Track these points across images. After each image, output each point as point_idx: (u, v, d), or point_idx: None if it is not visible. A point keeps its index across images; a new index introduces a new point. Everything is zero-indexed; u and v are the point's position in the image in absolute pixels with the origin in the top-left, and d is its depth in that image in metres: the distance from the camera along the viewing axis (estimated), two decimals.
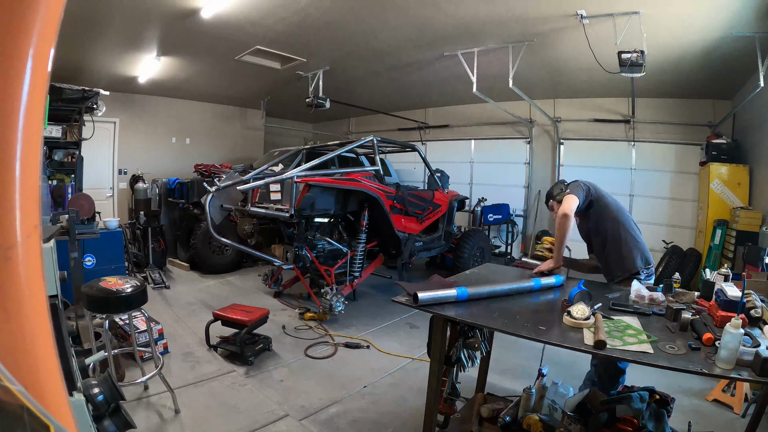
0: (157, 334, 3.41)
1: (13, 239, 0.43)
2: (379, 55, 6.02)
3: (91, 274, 4.06)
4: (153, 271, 5.69)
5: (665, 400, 2.00)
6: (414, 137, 9.32)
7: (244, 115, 9.93)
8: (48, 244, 1.01)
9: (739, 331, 1.32)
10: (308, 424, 2.60)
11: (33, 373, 0.45)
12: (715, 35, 4.34)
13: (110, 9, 4.47)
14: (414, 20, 4.75)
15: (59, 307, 1.03)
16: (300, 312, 4.55)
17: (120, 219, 5.25)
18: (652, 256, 2.52)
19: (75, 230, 2.99)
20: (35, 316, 0.46)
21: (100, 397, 1.12)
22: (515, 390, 2.79)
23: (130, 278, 2.58)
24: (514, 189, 8.07)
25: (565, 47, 5.14)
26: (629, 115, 6.72)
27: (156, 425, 2.49)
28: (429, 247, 5.67)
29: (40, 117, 0.46)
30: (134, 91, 7.73)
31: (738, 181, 5.39)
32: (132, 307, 2.50)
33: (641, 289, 2.05)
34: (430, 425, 2.02)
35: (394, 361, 3.55)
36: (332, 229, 5.35)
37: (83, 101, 5.68)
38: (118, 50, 5.83)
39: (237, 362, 3.36)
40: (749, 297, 1.72)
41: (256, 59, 6.23)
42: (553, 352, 2.02)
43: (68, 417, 0.49)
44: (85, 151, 6.25)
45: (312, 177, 4.22)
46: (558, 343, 1.55)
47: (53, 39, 0.46)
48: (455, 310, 1.88)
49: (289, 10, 4.58)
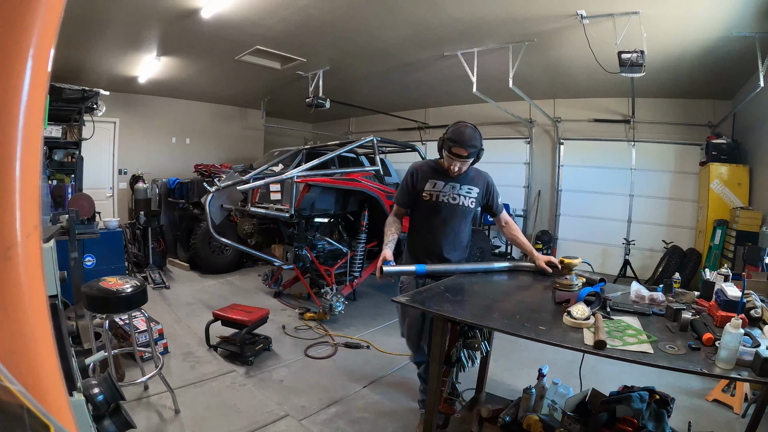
0: (157, 335, 3.41)
1: (13, 239, 0.43)
2: (379, 55, 6.02)
3: (91, 274, 4.06)
4: (153, 271, 5.69)
5: (665, 400, 2.00)
6: (414, 137, 9.31)
7: (244, 115, 9.93)
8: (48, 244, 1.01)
9: (739, 331, 1.32)
10: (308, 424, 2.60)
11: (33, 373, 0.45)
12: (715, 35, 4.34)
13: (110, 9, 4.47)
14: (414, 20, 4.75)
15: (59, 307, 1.03)
16: (300, 312, 4.55)
17: (120, 219, 5.24)
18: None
19: (75, 230, 2.99)
20: (35, 316, 0.46)
21: (100, 397, 1.12)
22: (515, 390, 2.79)
23: (130, 278, 2.58)
24: (514, 189, 8.07)
25: (565, 47, 5.14)
26: (629, 115, 6.72)
27: (156, 425, 2.50)
28: None
29: (40, 117, 0.46)
30: (134, 91, 7.73)
31: (738, 181, 5.39)
32: (132, 307, 2.49)
33: (641, 289, 2.05)
34: (430, 425, 2.02)
35: (394, 361, 3.56)
36: (332, 229, 5.35)
37: (83, 101, 5.67)
38: (118, 50, 5.83)
39: (237, 362, 3.36)
40: (749, 297, 1.72)
41: (256, 59, 6.23)
42: (554, 352, 2.01)
43: (68, 417, 0.49)
44: (85, 151, 6.24)
45: (312, 177, 4.22)
46: (558, 343, 1.55)
47: (53, 39, 0.46)
48: (456, 309, 1.88)
49: (289, 10, 4.58)
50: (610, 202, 7.07)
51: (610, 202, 7.07)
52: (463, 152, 2.22)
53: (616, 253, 6.95)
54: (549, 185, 7.75)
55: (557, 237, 7.64)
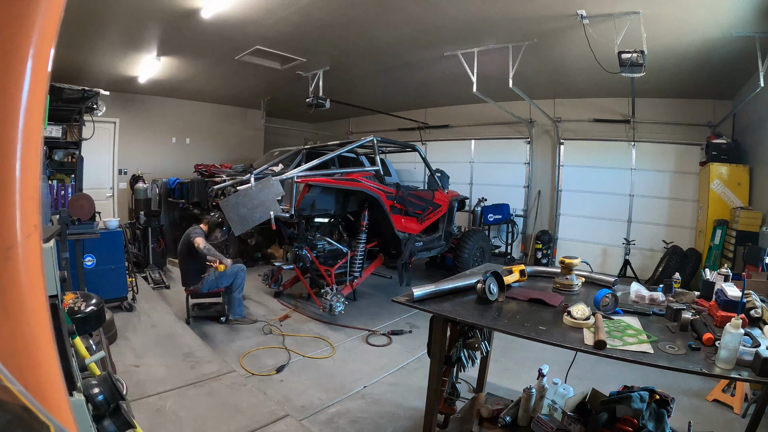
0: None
1: (13, 239, 0.43)
2: (379, 55, 6.02)
3: (91, 274, 4.07)
4: (153, 271, 5.69)
5: (665, 400, 2.00)
6: (414, 137, 9.31)
7: (244, 115, 9.93)
8: (48, 244, 1.01)
9: (739, 331, 1.32)
10: (308, 424, 2.60)
11: (33, 373, 0.45)
12: (715, 35, 4.34)
13: (110, 9, 4.46)
14: (414, 20, 4.75)
15: (59, 307, 1.03)
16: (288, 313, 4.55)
17: (120, 219, 5.24)
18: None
19: (66, 230, 2.98)
20: (35, 316, 0.46)
21: (100, 397, 1.12)
22: (515, 390, 2.79)
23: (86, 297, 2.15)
24: (514, 189, 8.07)
25: (565, 47, 5.14)
26: (629, 115, 6.72)
27: (156, 425, 2.49)
28: (429, 247, 5.67)
29: (40, 117, 0.46)
30: (134, 91, 7.73)
31: (738, 181, 5.39)
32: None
33: (641, 289, 2.05)
34: (430, 425, 2.02)
35: (394, 360, 3.56)
36: (332, 229, 5.35)
37: (83, 101, 5.66)
38: (118, 50, 5.83)
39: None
40: (749, 297, 1.72)
41: (256, 59, 6.23)
42: (554, 352, 2.01)
43: (68, 417, 0.49)
44: (85, 151, 6.24)
45: (312, 177, 4.21)
46: (558, 343, 1.55)
47: (53, 39, 0.46)
48: (456, 309, 1.88)
49: (289, 10, 4.58)
50: (610, 202, 7.08)
51: (610, 202, 7.08)
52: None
53: (616, 253, 6.95)
54: (549, 185, 7.75)
55: (557, 237, 7.64)
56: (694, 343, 1.49)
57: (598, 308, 1.80)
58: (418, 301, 1.95)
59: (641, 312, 1.85)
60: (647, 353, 1.44)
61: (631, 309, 1.87)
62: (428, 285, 2.04)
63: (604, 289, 1.90)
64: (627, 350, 1.46)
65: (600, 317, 1.66)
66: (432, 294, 2.00)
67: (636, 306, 1.93)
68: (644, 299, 1.99)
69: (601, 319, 1.65)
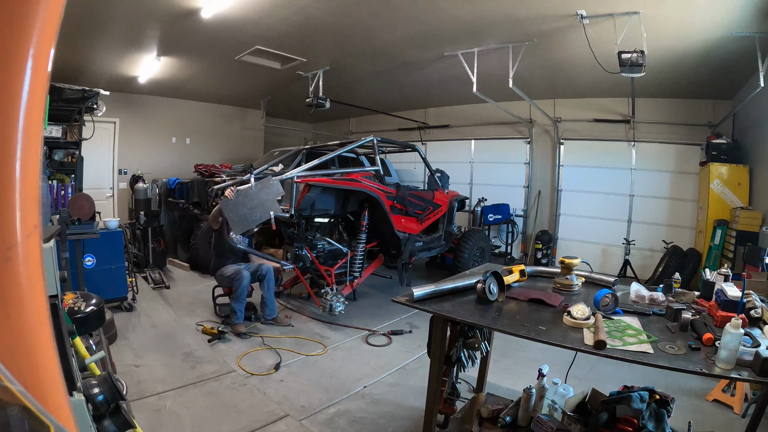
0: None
1: (13, 239, 0.43)
2: (379, 55, 6.02)
3: (91, 274, 4.07)
4: (153, 271, 5.69)
5: (665, 400, 2.00)
6: (414, 137, 9.32)
7: (244, 115, 9.93)
8: (48, 244, 1.01)
9: (739, 331, 1.32)
10: (308, 424, 2.60)
11: (33, 373, 0.45)
12: (715, 35, 4.34)
13: (110, 9, 4.47)
14: (414, 20, 4.75)
15: (59, 307, 1.03)
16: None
17: (120, 219, 5.24)
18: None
19: (66, 230, 2.98)
20: (35, 316, 0.46)
21: (100, 397, 1.12)
22: (515, 390, 2.79)
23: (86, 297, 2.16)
24: (514, 189, 8.07)
25: (565, 47, 5.14)
26: (629, 115, 6.73)
27: (156, 425, 2.49)
28: (429, 247, 5.67)
29: (40, 117, 0.46)
30: (134, 91, 7.73)
31: (738, 181, 5.39)
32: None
33: (641, 289, 2.05)
34: (430, 425, 2.02)
35: (394, 360, 3.56)
36: (332, 229, 5.35)
37: (83, 101, 5.67)
38: (118, 50, 5.83)
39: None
40: (749, 297, 1.72)
41: (256, 59, 6.23)
42: (554, 352, 2.01)
43: (68, 417, 0.49)
44: (85, 151, 6.25)
45: (312, 177, 4.21)
46: (558, 343, 1.55)
47: (53, 39, 0.46)
48: (456, 309, 1.88)
49: (289, 10, 4.58)
50: (610, 202, 7.08)
51: (610, 202, 7.08)
52: None
53: (616, 253, 6.95)
54: (549, 185, 7.76)
55: (557, 237, 7.64)
56: (694, 343, 1.49)
57: (598, 308, 1.80)
58: (418, 301, 1.95)
59: (641, 312, 1.85)
60: (647, 353, 1.44)
61: (631, 309, 1.87)
62: (428, 285, 2.04)
63: (604, 289, 1.90)
64: (627, 350, 1.46)
65: (600, 317, 1.66)
66: (432, 294, 2.00)
67: (636, 306, 1.93)
68: (644, 299, 1.99)
69: (601, 319, 1.65)
